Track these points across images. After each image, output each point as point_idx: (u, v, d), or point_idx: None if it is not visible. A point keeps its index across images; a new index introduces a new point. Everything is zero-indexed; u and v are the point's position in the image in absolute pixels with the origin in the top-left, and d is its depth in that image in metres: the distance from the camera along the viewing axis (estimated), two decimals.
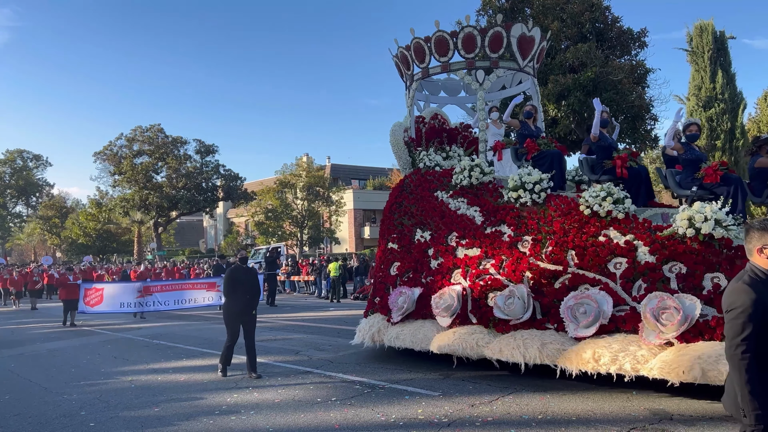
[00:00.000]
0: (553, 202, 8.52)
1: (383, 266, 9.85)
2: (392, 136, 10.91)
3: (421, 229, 9.55)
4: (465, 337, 7.70)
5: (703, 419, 5.56)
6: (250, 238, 53.81)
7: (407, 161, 10.99)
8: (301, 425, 5.95)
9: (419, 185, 10.28)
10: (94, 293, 16.67)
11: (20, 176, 64.37)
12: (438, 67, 10.92)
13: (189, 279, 23.16)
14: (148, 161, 46.04)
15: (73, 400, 7.43)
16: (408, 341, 8.39)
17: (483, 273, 8.17)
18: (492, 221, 8.80)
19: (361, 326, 9.59)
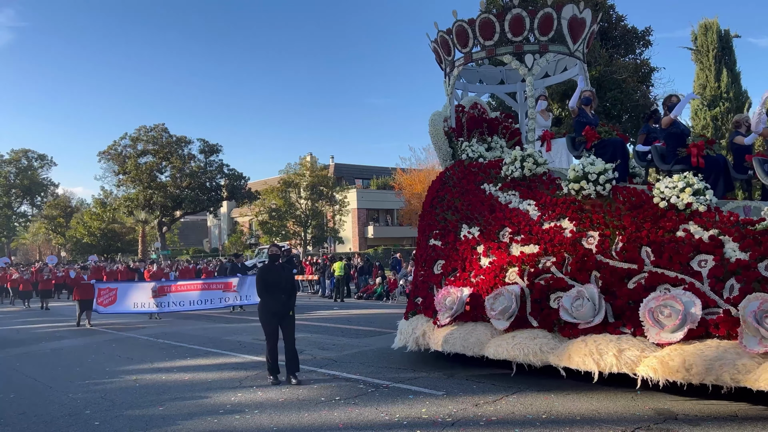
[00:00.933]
0: (621, 195, 7.84)
1: (425, 264, 9.24)
2: (432, 126, 10.24)
3: (467, 225, 8.87)
4: (526, 342, 7.08)
5: (708, 419, 5.54)
6: (254, 238, 53.91)
7: (447, 152, 10.31)
8: (305, 424, 5.95)
9: (463, 178, 9.58)
10: (108, 293, 16.36)
11: (25, 176, 64.54)
12: (482, 52, 10.11)
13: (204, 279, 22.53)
14: (153, 161, 46.11)
15: (78, 399, 7.45)
16: (458, 346, 7.78)
17: (543, 272, 7.52)
18: (550, 215, 8.10)
19: (402, 328, 9.07)
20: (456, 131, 10.53)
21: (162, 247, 46.48)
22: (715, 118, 34.58)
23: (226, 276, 19.30)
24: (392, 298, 21.64)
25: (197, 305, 17.24)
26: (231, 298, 17.64)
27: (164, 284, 17.22)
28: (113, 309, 16.33)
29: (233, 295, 17.62)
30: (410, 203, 41.95)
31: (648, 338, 6.28)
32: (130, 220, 49.07)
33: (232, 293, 17.63)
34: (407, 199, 42.01)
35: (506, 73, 12.16)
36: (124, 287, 17.09)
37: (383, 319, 15.12)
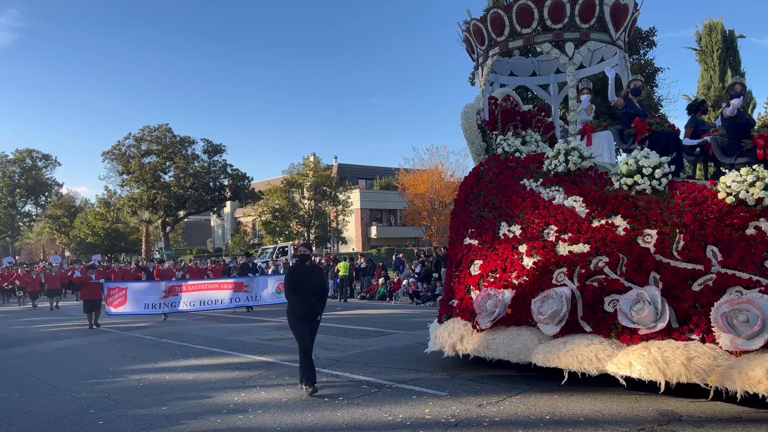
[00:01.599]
0: (680, 190, 7.30)
1: (461, 265, 8.70)
2: (464, 119, 9.67)
3: (507, 223, 8.36)
4: (580, 349, 6.59)
5: (712, 420, 5.52)
6: (258, 238, 53.97)
7: (480, 146, 9.74)
8: (309, 424, 5.96)
9: (500, 173, 9.07)
10: (117, 293, 15.96)
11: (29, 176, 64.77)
12: (519, 41, 9.56)
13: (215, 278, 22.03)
14: (156, 161, 46.24)
15: (82, 398, 7.47)
16: (502, 352, 7.33)
17: (595, 273, 7.06)
18: (600, 212, 7.59)
19: (437, 332, 8.52)
20: (489, 124, 10.03)
21: (165, 247, 46.57)
22: None
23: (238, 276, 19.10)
24: (395, 299, 21.64)
25: (208, 305, 17.02)
26: (242, 298, 17.51)
27: (174, 284, 16.93)
28: (124, 310, 16.00)
29: (244, 296, 17.50)
30: (413, 203, 41.98)
31: (720, 346, 5.87)
32: (134, 219, 49.20)
33: (243, 293, 17.50)
34: (410, 199, 42.03)
35: (538, 64, 11.65)
36: (134, 287, 16.73)
37: (386, 319, 15.13)
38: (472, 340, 7.80)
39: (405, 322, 14.26)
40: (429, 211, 41.26)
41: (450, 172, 42.80)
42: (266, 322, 15.61)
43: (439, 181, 41.42)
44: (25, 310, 23.94)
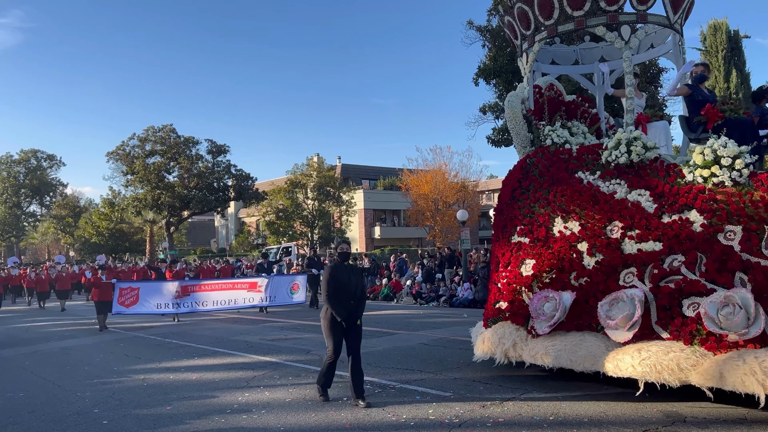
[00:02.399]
0: (764, 182, 6.70)
1: (510, 265, 8.09)
2: (509, 108, 9.18)
3: (562, 219, 7.78)
4: (659, 357, 5.97)
5: (717, 422, 5.51)
6: (261, 238, 54.03)
7: (526, 138, 9.20)
8: (312, 424, 5.96)
9: (551, 166, 8.48)
10: (129, 293, 15.57)
11: (34, 176, 65.06)
12: (570, 24, 8.96)
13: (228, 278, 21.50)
14: (161, 161, 46.32)
15: (87, 398, 7.50)
16: (564, 359, 6.73)
17: (671, 273, 6.49)
18: (672, 207, 7.02)
19: (485, 337, 7.86)
20: (535, 114, 9.46)
21: (170, 247, 46.65)
22: None
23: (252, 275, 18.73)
24: (398, 299, 21.63)
25: (221, 306, 16.71)
26: (256, 298, 17.17)
27: (188, 284, 16.61)
28: (135, 310, 15.61)
29: (258, 296, 17.16)
30: (417, 204, 41.96)
31: None
32: (138, 220, 49.26)
33: (257, 293, 17.13)
34: (414, 199, 42.02)
35: (581, 52, 11.11)
36: (147, 287, 16.35)
37: (390, 319, 15.12)
38: (528, 347, 7.19)
39: (409, 323, 14.25)
40: (432, 212, 41.24)
41: (453, 173, 42.77)
42: (270, 322, 15.62)
43: (443, 181, 41.38)
44: (31, 310, 23.98)
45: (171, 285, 16.35)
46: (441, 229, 41.20)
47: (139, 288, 15.99)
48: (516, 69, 20.43)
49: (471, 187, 44.49)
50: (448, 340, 11.11)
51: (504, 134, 21.63)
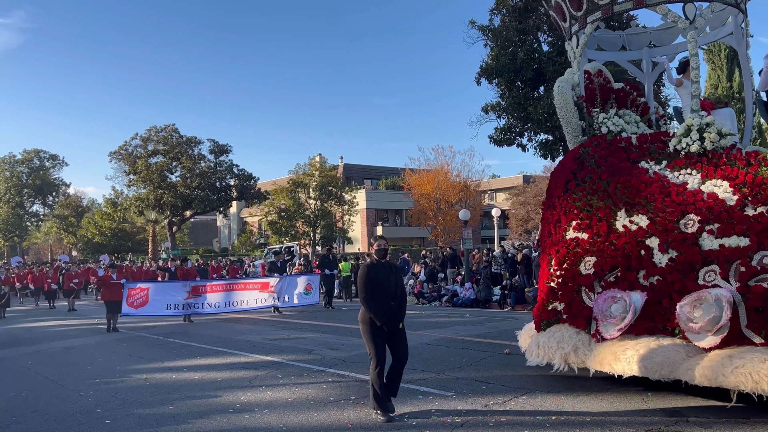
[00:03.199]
0: None
1: (566, 262, 7.40)
2: (559, 95, 8.60)
3: (626, 212, 7.18)
4: (754, 365, 5.32)
5: (720, 421, 5.49)
6: (263, 238, 54.07)
7: (578, 126, 8.63)
8: (315, 424, 5.96)
9: (610, 155, 7.92)
10: (139, 293, 15.13)
11: (37, 176, 65.10)
12: (628, 3, 8.42)
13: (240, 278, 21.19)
14: (163, 161, 46.37)
15: (89, 397, 7.51)
16: (637, 366, 6.04)
17: (762, 271, 5.93)
18: (757, 198, 6.50)
19: (539, 342, 7.17)
20: (587, 101, 8.91)
21: (172, 247, 46.71)
22: None
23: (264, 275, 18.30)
24: None
25: (232, 307, 16.37)
26: (268, 298, 16.89)
27: (199, 284, 16.22)
28: (144, 311, 15.15)
29: (271, 296, 16.89)
30: (419, 204, 41.96)
31: None
32: (141, 219, 49.34)
33: (269, 294, 16.85)
34: (416, 199, 42.02)
35: (627, 38, 10.55)
36: (157, 287, 15.91)
37: None
38: (593, 352, 6.58)
39: (411, 322, 14.20)
40: (435, 211, 41.23)
41: (456, 172, 42.77)
42: (272, 322, 15.63)
43: (445, 181, 41.38)
44: (35, 309, 24.00)
45: (181, 285, 15.98)
46: (443, 229, 41.20)
47: (149, 288, 15.51)
48: (518, 68, 20.45)
49: (473, 187, 44.51)
50: (450, 340, 11.11)
51: (506, 134, 21.61)
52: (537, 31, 21.10)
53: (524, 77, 20.68)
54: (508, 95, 20.90)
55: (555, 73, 19.75)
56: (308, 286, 17.85)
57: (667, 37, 9.76)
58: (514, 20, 20.85)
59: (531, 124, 20.73)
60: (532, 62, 20.50)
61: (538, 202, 51.19)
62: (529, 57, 20.43)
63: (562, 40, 20.34)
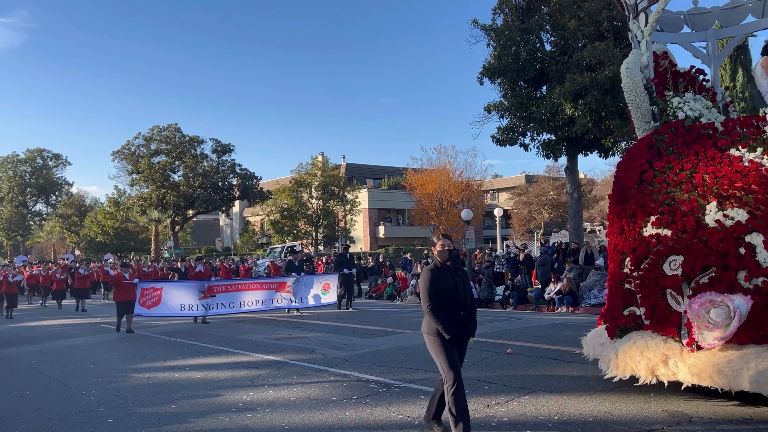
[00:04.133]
0: None
1: (646, 262, 6.71)
2: (628, 77, 7.90)
3: (718, 206, 6.50)
4: None
5: (723, 422, 5.48)
6: (266, 237, 54.11)
7: (648, 111, 7.97)
8: (317, 423, 5.96)
9: (692, 143, 7.25)
10: (152, 293, 14.63)
11: (40, 175, 65.27)
12: None
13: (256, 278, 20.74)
14: (166, 160, 46.46)
15: (92, 396, 7.52)
16: (747, 380, 5.42)
17: None
18: None
19: (619, 350, 6.49)
20: (658, 84, 8.26)
21: (174, 246, 46.81)
22: None
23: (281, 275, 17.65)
24: (403, 298, 21.63)
25: (249, 307, 15.89)
26: (285, 299, 16.42)
27: (214, 284, 15.75)
28: (157, 311, 14.66)
29: (287, 296, 16.44)
30: (421, 203, 41.96)
31: None
32: (143, 219, 49.45)
33: (286, 294, 16.40)
34: (418, 199, 42.01)
35: (690, 18, 9.96)
36: (170, 287, 15.44)
37: (394, 319, 15.12)
38: (688, 363, 5.88)
39: (413, 322, 14.23)
40: (437, 211, 41.22)
41: (458, 172, 42.75)
42: (275, 321, 15.64)
43: (447, 180, 41.36)
44: (41, 309, 24.01)
45: (196, 285, 15.47)
46: (445, 229, 41.15)
47: (162, 288, 15.02)
48: (521, 68, 20.41)
49: (475, 187, 44.48)
50: None
51: (509, 133, 21.59)
52: (540, 30, 21.07)
53: (527, 77, 20.65)
54: (510, 95, 20.87)
55: (557, 72, 19.73)
56: (326, 285, 17.30)
57: (735, 17, 8.95)
58: (517, 20, 20.82)
59: (533, 123, 20.70)
60: (534, 62, 20.47)
61: (540, 202, 51.25)
62: (531, 56, 20.41)
63: (565, 40, 20.40)
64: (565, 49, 20.10)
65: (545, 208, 50.92)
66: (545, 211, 50.87)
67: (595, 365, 7.68)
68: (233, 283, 16.79)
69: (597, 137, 20.00)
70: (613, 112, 18.92)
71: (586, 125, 19.06)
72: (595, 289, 16.61)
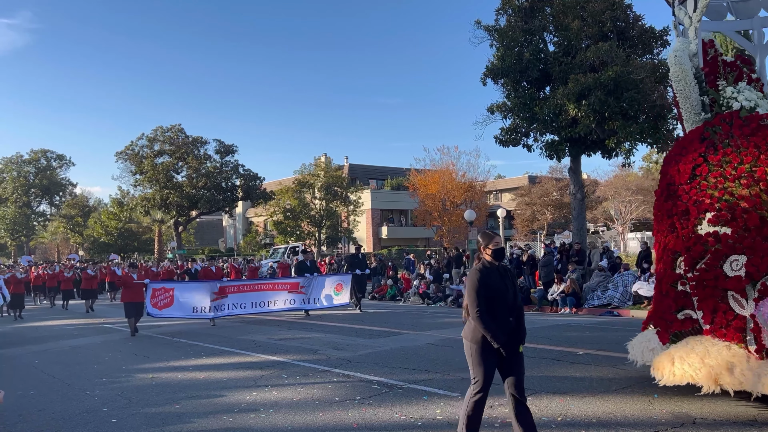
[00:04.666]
0: None
1: (705, 262, 6.34)
2: (677, 66, 7.46)
3: None
4: None
5: (727, 423, 5.46)
6: (269, 238, 54.15)
7: (698, 102, 7.58)
8: (320, 424, 5.97)
9: (752, 134, 6.81)
10: (163, 294, 14.31)
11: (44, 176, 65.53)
12: None
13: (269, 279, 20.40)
14: (169, 161, 46.51)
15: (96, 396, 7.54)
16: None
17: None
18: None
19: (674, 356, 6.09)
20: (709, 74, 7.90)
21: (178, 247, 46.86)
22: None
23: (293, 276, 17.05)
24: (405, 299, 21.63)
25: (260, 308, 15.61)
26: (297, 300, 16.07)
27: (226, 284, 15.42)
28: (169, 312, 14.30)
29: (300, 297, 16.09)
30: (424, 204, 41.94)
31: None
32: (147, 219, 49.53)
33: (298, 295, 16.05)
34: (421, 199, 42.00)
35: (734, 5, 9.56)
36: (182, 287, 15.13)
37: (397, 319, 15.11)
38: (757, 372, 5.48)
39: (416, 323, 14.24)
40: (440, 212, 41.19)
41: (461, 173, 42.72)
42: (278, 321, 15.65)
43: (450, 181, 41.34)
44: (46, 309, 24.06)
45: (208, 286, 15.12)
46: (448, 229, 41.14)
47: (174, 288, 14.71)
48: (524, 68, 20.37)
49: (478, 187, 44.45)
50: (455, 341, 11.09)
51: (512, 134, 21.56)
52: (543, 31, 21.03)
53: (530, 77, 20.62)
54: (513, 95, 20.84)
55: (561, 73, 19.69)
56: (338, 286, 16.90)
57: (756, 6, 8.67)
58: (520, 20, 20.79)
59: (537, 124, 20.67)
60: (537, 62, 20.44)
61: (543, 203, 51.14)
62: (534, 57, 20.37)
63: (568, 41, 20.35)
64: (569, 50, 20.05)
65: (548, 208, 50.83)
66: (548, 212, 50.77)
67: (597, 366, 7.69)
68: (245, 283, 16.43)
69: (600, 138, 19.96)
70: (616, 113, 18.88)
71: (589, 126, 19.02)
72: (598, 290, 16.60)
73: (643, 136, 19.69)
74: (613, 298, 16.09)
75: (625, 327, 12.46)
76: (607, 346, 9.77)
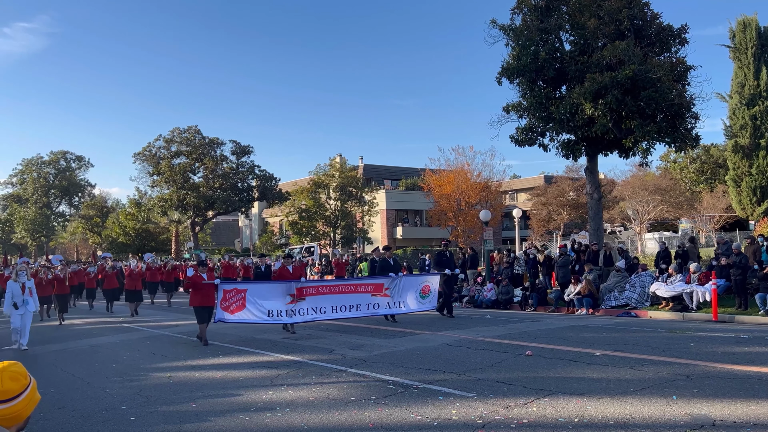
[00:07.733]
0: None
1: None
2: None
3: None
4: None
5: (747, 425, 5.39)
6: (285, 238, 54.37)
7: None
8: (336, 423, 5.98)
9: None
10: (235, 296, 12.58)
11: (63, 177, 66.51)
12: None
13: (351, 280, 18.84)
14: (186, 162, 46.93)
15: (114, 394, 7.63)
16: None
17: None
18: None
19: None
20: None
21: (195, 247, 47.24)
22: (754, 117, 33.68)
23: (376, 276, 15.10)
24: None
25: (342, 312, 13.75)
26: (382, 304, 14.26)
27: (304, 285, 13.58)
28: (241, 316, 12.68)
29: (385, 301, 14.29)
30: (439, 204, 41.83)
31: None
32: (164, 220, 50.02)
33: (383, 298, 14.25)
34: (436, 200, 41.90)
35: None
36: (255, 288, 13.15)
37: (412, 319, 15.09)
38: None
39: (431, 323, 14.21)
40: (455, 212, 41.07)
41: (476, 173, 42.53)
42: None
43: (465, 181, 41.18)
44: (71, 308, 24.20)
45: (284, 287, 13.25)
46: (463, 230, 41.00)
47: (247, 290, 12.92)
48: (540, 67, 20.24)
49: (494, 187, 44.23)
50: (471, 341, 11.06)
51: (527, 134, 21.43)
52: (559, 30, 20.87)
53: (546, 77, 20.49)
54: (529, 95, 20.70)
55: (577, 72, 19.54)
56: (426, 287, 15.17)
57: None
58: (536, 19, 20.66)
59: (553, 123, 20.51)
60: (554, 61, 20.30)
61: (559, 203, 50.79)
62: (550, 56, 20.23)
63: (585, 39, 20.18)
64: (585, 49, 19.89)
65: (565, 208, 50.45)
66: (565, 212, 50.39)
67: (614, 367, 7.60)
68: (326, 284, 14.74)
69: (617, 137, 19.76)
70: (633, 112, 18.70)
71: (606, 125, 18.84)
72: (615, 291, 16.45)
73: (660, 135, 19.47)
74: (631, 299, 15.94)
75: (642, 328, 12.34)
76: (624, 347, 9.68)
